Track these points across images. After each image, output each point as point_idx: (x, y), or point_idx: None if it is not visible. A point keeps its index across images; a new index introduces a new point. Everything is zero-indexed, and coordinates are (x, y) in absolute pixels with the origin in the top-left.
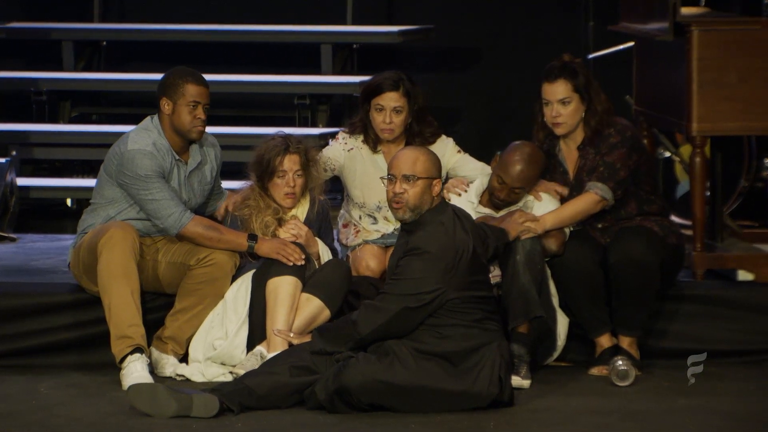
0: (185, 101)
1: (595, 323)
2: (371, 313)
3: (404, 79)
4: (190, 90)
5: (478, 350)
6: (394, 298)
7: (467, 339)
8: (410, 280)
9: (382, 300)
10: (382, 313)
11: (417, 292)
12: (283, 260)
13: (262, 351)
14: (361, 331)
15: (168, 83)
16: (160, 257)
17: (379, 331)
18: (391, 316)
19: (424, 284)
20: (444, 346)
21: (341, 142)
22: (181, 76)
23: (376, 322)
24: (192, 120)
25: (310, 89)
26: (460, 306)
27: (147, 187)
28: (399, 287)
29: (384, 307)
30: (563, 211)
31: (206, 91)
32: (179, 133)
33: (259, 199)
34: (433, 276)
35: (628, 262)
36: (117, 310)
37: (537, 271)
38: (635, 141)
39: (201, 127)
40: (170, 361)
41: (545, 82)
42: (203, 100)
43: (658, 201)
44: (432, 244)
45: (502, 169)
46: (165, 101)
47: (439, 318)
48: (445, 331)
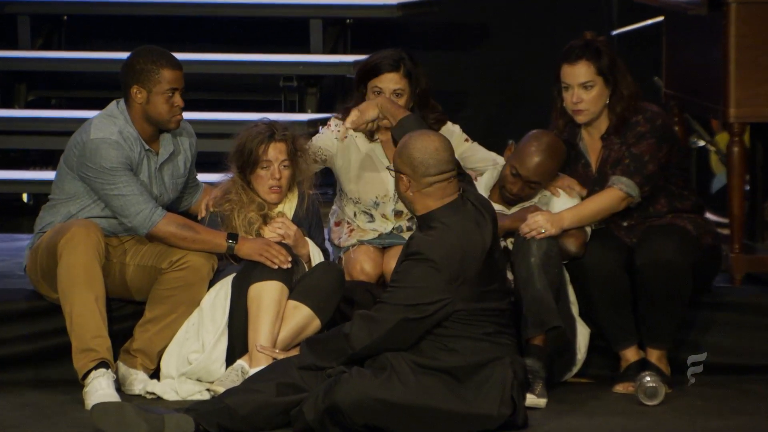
0: (161, 89)
1: (619, 334)
2: (366, 325)
3: (405, 59)
4: (166, 76)
5: (487, 365)
6: (392, 309)
7: (475, 353)
8: (410, 289)
9: (379, 310)
10: (378, 325)
11: (418, 302)
12: (268, 263)
13: (243, 366)
14: (354, 345)
15: (138, 69)
16: (127, 260)
17: (375, 345)
18: (389, 329)
19: (426, 294)
20: (448, 360)
21: (333, 130)
22: (153, 60)
23: (372, 335)
24: (170, 109)
25: (298, 70)
26: (468, 318)
27: (113, 180)
28: (398, 296)
29: (381, 318)
30: (584, 207)
31: (181, 74)
32: (155, 123)
33: (242, 193)
34: (436, 286)
35: (657, 264)
36: (79, 320)
37: (554, 275)
38: (666, 130)
39: (179, 115)
40: (139, 377)
41: (565, 63)
42: (180, 85)
43: (691, 196)
44: (434, 251)
45: (518, 160)
46: (137, 89)
47: (444, 328)
48: (449, 343)
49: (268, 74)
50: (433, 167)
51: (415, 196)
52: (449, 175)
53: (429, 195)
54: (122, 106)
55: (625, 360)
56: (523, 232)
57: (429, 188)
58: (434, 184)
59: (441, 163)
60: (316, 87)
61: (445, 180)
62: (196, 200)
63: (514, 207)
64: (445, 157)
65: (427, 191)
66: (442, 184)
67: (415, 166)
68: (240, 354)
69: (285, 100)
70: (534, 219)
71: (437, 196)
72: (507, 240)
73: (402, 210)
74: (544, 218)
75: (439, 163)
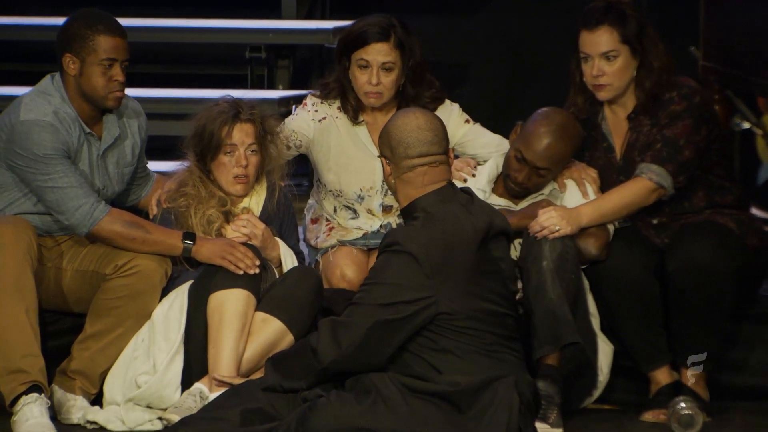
0: (96, 58)
1: (649, 352)
2: (334, 333)
3: (396, 26)
4: (102, 43)
5: (488, 387)
6: (365, 310)
7: (473, 371)
8: (385, 286)
9: (350, 314)
10: (348, 332)
11: (394, 300)
12: (231, 267)
13: (202, 390)
14: (323, 358)
15: (71, 34)
16: (65, 264)
17: (347, 357)
18: (361, 335)
19: (404, 291)
20: (442, 382)
21: (310, 110)
22: (88, 24)
23: (341, 344)
24: (107, 83)
25: (267, 38)
26: (460, 327)
27: (47, 170)
28: (371, 295)
29: (351, 322)
30: (606, 201)
31: (123, 42)
32: (90, 99)
33: (200, 186)
34: (415, 281)
35: (694, 269)
36: (6, 336)
37: (570, 282)
38: (705, 109)
39: (119, 92)
40: (78, 403)
41: (584, 30)
42: (121, 55)
43: (734, 189)
44: (412, 241)
45: (524, 142)
46: (69, 58)
47: (431, 341)
48: (440, 360)
49: (232, 43)
50: (413, 147)
51: (397, 183)
52: (433, 159)
53: (410, 182)
54: (58, 82)
55: (656, 383)
56: (534, 231)
57: (410, 173)
58: (416, 168)
59: (422, 144)
60: (288, 59)
61: (427, 164)
62: (146, 193)
63: (523, 202)
64: (427, 137)
65: (407, 177)
66: (423, 169)
67: (393, 146)
68: (198, 376)
69: (252, 75)
70: (546, 215)
71: (418, 184)
72: (514, 241)
73: (392, 204)
74: (559, 214)
75: (419, 143)
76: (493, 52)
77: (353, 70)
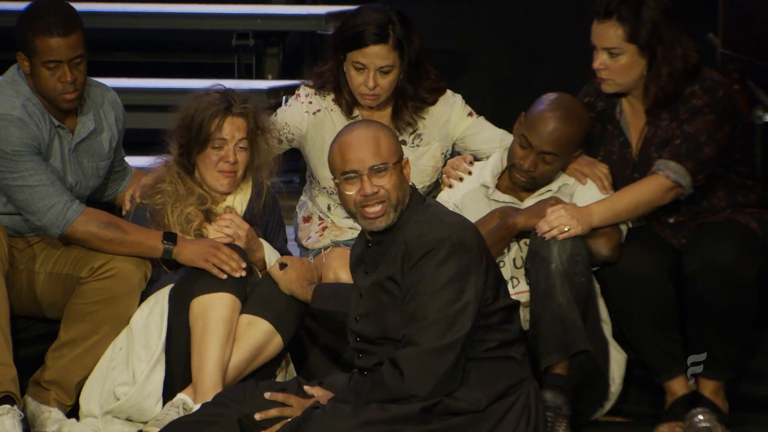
0: (39, 60)
1: (664, 361)
2: (421, 362)
3: (395, 23)
4: (41, 45)
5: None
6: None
7: (479, 380)
8: (449, 285)
9: (420, 335)
10: (439, 358)
11: (458, 297)
12: (215, 270)
13: (185, 401)
14: (419, 390)
15: (18, 32)
16: (37, 267)
17: (445, 381)
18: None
19: (464, 283)
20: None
21: (304, 101)
22: (28, 23)
23: (435, 372)
24: (55, 85)
25: (255, 24)
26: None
27: (15, 167)
28: (433, 303)
29: (438, 348)
30: (619, 200)
31: (67, 41)
32: (46, 99)
33: (178, 182)
34: (467, 269)
35: (713, 272)
36: None
37: (580, 286)
38: (729, 104)
39: (71, 93)
40: (53, 416)
41: (595, 17)
42: (65, 55)
43: (756, 187)
44: (443, 230)
45: (529, 126)
46: (22, 57)
47: None
48: None
49: (218, 30)
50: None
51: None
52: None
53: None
54: None
55: (672, 393)
56: (542, 230)
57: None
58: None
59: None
60: (278, 46)
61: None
62: (124, 188)
63: (529, 199)
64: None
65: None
66: None
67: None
68: (181, 387)
69: (239, 63)
70: (555, 214)
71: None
72: (520, 242)
73: None
74: (568, 213)
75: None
76: (495, 40)
77: (349, 69)
